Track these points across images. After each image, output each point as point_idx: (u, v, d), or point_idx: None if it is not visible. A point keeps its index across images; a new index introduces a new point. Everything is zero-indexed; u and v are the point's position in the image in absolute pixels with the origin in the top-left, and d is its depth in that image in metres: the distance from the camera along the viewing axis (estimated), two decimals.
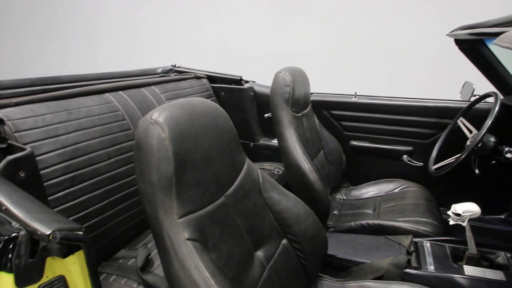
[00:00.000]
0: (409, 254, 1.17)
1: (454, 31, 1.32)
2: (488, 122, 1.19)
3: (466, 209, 1.06)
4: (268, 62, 2.73)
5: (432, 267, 1.09)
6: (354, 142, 1.90)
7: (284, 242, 0.97)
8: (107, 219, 1.16)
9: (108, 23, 3.53)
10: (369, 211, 1.56)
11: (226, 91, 1.98)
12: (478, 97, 1.44)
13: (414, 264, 1.12)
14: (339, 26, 2.44)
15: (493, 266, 1.11)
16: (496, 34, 0.97)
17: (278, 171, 1.84)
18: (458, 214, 1.07)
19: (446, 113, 1.64)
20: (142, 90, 1.50)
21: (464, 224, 1.07)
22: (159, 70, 1.96)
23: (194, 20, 3.02)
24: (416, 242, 1.23)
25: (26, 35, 4.16)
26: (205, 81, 1.95)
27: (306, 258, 0.99)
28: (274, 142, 2.01)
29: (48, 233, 0.53)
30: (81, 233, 0.58)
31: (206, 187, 0.77)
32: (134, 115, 1.33)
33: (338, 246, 1.25)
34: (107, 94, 1.32)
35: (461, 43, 1.40)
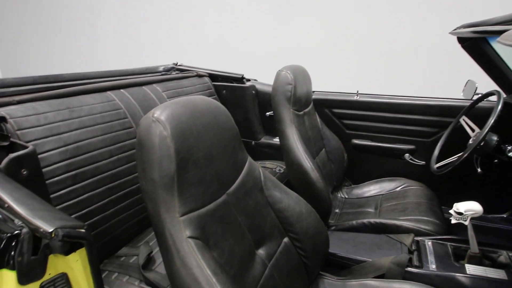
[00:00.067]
0: (410, 252, 1.16)
1: (457, 29, 1.31)
2: (490, 120, 1.18)
3: (468, 208, 1.06)
4: (270, 60, 2.73)
5: (433, 266, 1.09)
6: (355, 141, 1.89)
7: (285, 240, 0.97)
8: (109, 217, 1.16)
9: (110, 22, 3.53)
10: (370, 210, 1.56)
11: (227, 90, 1.98)
12: (480, 95, 1.43)
13: (416, 263, 1.12)
14: (341, 24, 2.43)
15: (495, 265, 1.10)
16: (499, 32, 0.96)
17: (280, 170, 1.84)
18: (460, 213, 1.06)
19: (449, 111, 1.63)
20: (144, 88, 1.50)
21: (466, 223, 1.06)
22: (161, 69, 1.96)
23: (196, 18, 3.01)
24: (417, 241, 1.22)
25: (28, 34, 4.17)
26: (206, 79, 1.95)
27: (308, 256, 0.99)
28: (275, 140, 2.01)
29: (50, 230, 0.54)
30: (83, 230, 0.59)
31: (208, 185, 0.77)
32: (136, 113, 1.33)
33: (340, 245, 1.25)
34: (109, 92, 1.32)
35: (464, 41, 1.39)
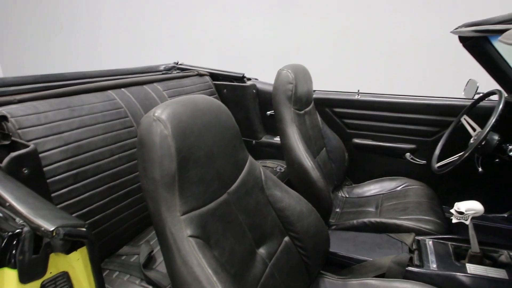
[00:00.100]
0: (411, 252, 1.16)
1: (458, 28, 1.31)
2: (492, 120, 1.18)
3: (469, 207, 1.06)
4: (270, 59, 2.73)
5: (434, 265, 1.09)
6: (356, 140, 1.89)
7: (286, 239, 0.97)
8: (110, 216, 1.17)
9: (110, 21, 3.53)
10: (371, 209, 1.56)
11: (228, 89, 1.98)
12: (482, 95, 1.43)
13: (416, 262, 1.11)
14: (342, 24, 2.42)
15: (495, 264, 1.10)
16: (501, 31, 0.96)
17: (281, 169, 1.84)
18: (461, 212, 1.06)
19: (450, 111, 1.63)
20: (145, 87, 1.50)
21: (467, 222, 1.06)
22: (162, 68, 1.96)
23: (196, 17, 3.01)
24: (418, 240, 1.22)
25: (29, 33, 4.17)
26: (207, 78, 1.95)
27: (308, 255, 0.99)
28: (276, 139, 2.00)
29: (51, 229, 0.54)
30: (84, 229, 0.59)
31: (209, 184, 0.77)
32: (136, 112, 1.33)
33: (340, 244, 1.25)
34: (110, 91, 1.32)
35: (465, 40, 1.39)
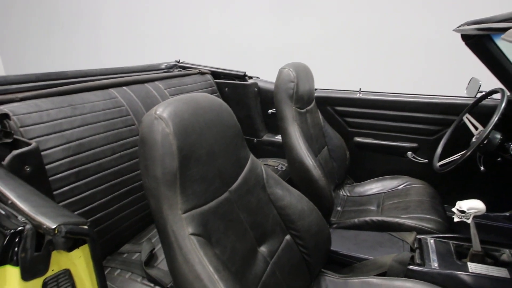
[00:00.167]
0: (412, 251, 1.16)
1: (460, 26, 1.30)
2: (494, 118, 1.18)
3: (471, 206, 1.05)
4: (272, 58, 2.72)
5: (436, 264, 1.08)
6: (358, 139, 1.89)
7: (287, 237, 0.97)
8: (112, 214, 1.17)
9: (112, 19, 3.53)
10: (372, 208, 1.56)
11: (230, 87, 1.98)
12: (484, 93, 1.42)
13: (418, 260, 1.11)
14: (344, 22, 2.42)
15: (497, 263, 1.10)
16: (503, 30, 0.96)
17: (282, 167, 1.84)
18: (462, 211, 1.06)
19: (452, 109, 1.63)
20: (146, 85, 1.50)
21: (468, 221, 1.06)
22: (163, 66, 1.96)
23: (198, 16, 3.01)
24: (420, 239, 1.22)
25: (31, 31, 4.17)
26: (209, 76, 1.95)
27: (309, 254, 0.99)
28: (277, 138, 2.00)
29: (53, 227, 0.54)
30: (86, 227, 0.59)
31: (210, 183, 0.77)
32: (138, 111, 1.33)
33: (341, 242, 1.25)
34: (111, 90, 1.32)
35: (468, 39, 1.38)
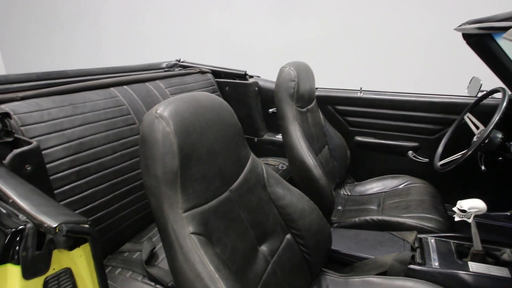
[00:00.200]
0: (413, 250, 1.16)
1: (462, 25, 1.30)
2: (495, 118, 1.18)
3: (471, 205, 1.05)
4: (273, 57, 2.72)
5: (436, 263, 1.08)
6: (359, 138, 1.89)
7: (288, 237, 0.97)
8: (113, 213, 1.17)
9: (112, 18, 3.53)
10: (373, 207, 1.56)
11: (230, 86, 1.98)
12: (485, 92, 1.42)
13: (419, 260, 1.11)
14: (345, 21, 2.41)
15: (498, 263, 1.10)
16: (505, 29, 0.95)
17: (283, 166, 1.84)
18: (463, 211, 1.06)
19: (453, 108, 1.62)
20: (147, 84, 1.50)
21: (469, 220, 1.06)
22: (164, 65, 1.96)
23: (198, 15, 3.00)
24: (420, 238, 1.22)
25: (31, 30, 4.17)
26: (209, 75, 1.95)
27: (310, 253, 0.99)
28: (278, 137, 2.00)
29: (54, 225, 0.54)
30: (87, 226, 0.59)
31: (211, 182, 0.77)
32: (139, 110, 1.33)
33: (342, 242, 1.25)
34: (112, 89, 1.32)
35: (469, 38, 1.38)
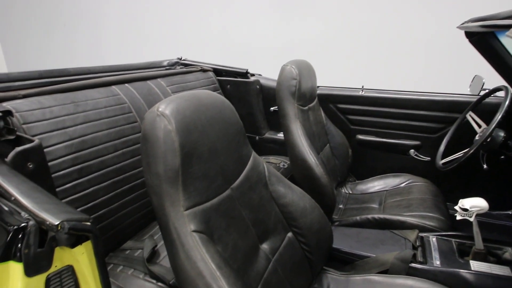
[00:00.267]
0: (414, 248, 1.16)
1: (464, 23, 1.29)
2: (498, 116, 1.17)
3: (473, 204, 1.05)
4: (274, 55, 2.72)
5: (438, 262, 1.08)
6: (360, 136, 1.88)
7: (289, 235, 0.97)
8: (114, 211, 1.17)
9: (114, 16, 3.53)
10: (374, 206, 1.56)
11: (232, 84, 1.97)
12: (488, 91, 1.41)
13: (420, 258, 1.11)
14: (347, 19, 2.40)
15: (499, 261, 1.10)
16: (508, 27, 0.95)
17: (284, 165, 1.84)
18: (465, 209, 1.06)
19: (455, 107, 1.62)
20: (148, 82, 1.50)
21: (471, 219, 1.05)
22: (165, 63, 1.95)
23: (200, 13, 3.00)
24: (422, 237, 1.22)
25: (33, 28, 4.18)
26: (211, 74, 1.95)
27: (311, 251, 0.99)
28: (280, 135, 2.00)
29: (56, 223, 0.54)
30: (89, 223, 0.59)
31: (212, 180, 0.77)
32: (140, 108, 1.33)
33: (343, 240, 1.25)
34: (114, 87, 1.32)
35: (471, 36, 1.37)
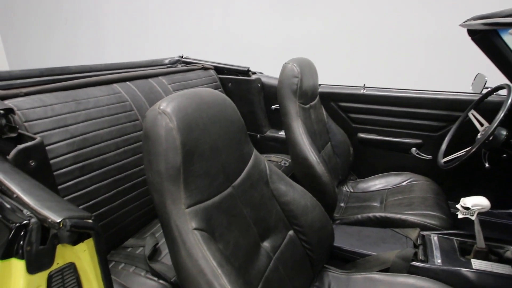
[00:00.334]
0: (416, 247, 1.16)
1: (467, 21, 1.28)
2: (500, 115, 1.17)
3: (475, 202, 1.05)
4: (276, 53, 2.71)
5: (439, 261, 1.08)
6: (362, 135, 1.88)
7: (290, 233, 0.97)
8: (116, 208, 1.18)
9: (115, 14, 3.52)
10: (376, 204, 1.56)
11: (233, 82, 1.97)
12: (490, 89, 1.41)
13: (421, 257, 1.11)
14: (349, 17, 2.39)
15: (501, 260, 1.10)
16: (510, 24, 0.95)
17: (285, 163, 1.84)
18: (467, 208, 1.05)
19: (457, 105, 1.61)
20: (150, 80, 1.50)
21: (472, 218, 1.05)
22: (167, 61, 1.95)
23: (201, 11, 2.99)
24: (423, 235, 1.22)
25: (34, 26, 4.18)
26: (212, 72, 1.95)
27: (313, 249, 0.99)
28: (281, 133, 2.00)
29: (58, 220, 0.54)
30: (90, 221, 0.59)
31: (214, 178, 0.77)
32: (141, 106, 1.34)
33: (345, 238, 1.25)
34: (115, 85, 1.33)
35: (474, 34, 1.36)
